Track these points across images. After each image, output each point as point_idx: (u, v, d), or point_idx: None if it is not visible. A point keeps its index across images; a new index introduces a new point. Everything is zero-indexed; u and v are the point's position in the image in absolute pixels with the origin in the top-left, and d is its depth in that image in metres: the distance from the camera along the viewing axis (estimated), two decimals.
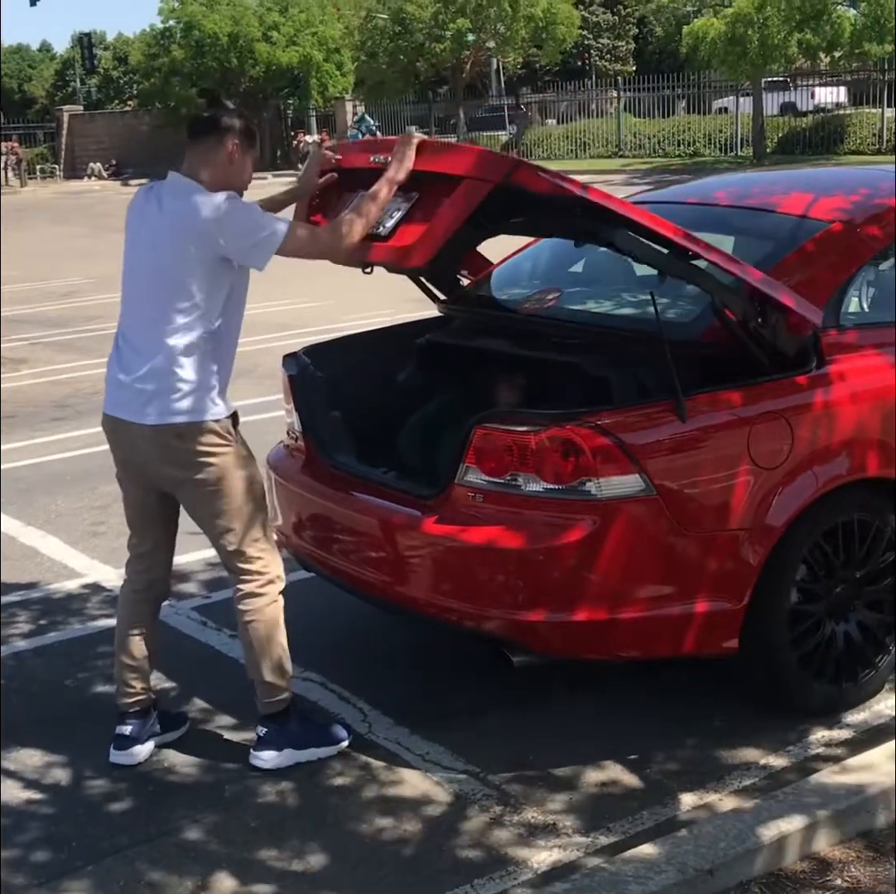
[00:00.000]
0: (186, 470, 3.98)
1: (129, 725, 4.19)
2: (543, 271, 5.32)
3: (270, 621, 4.12)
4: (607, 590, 3.93)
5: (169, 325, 3.90)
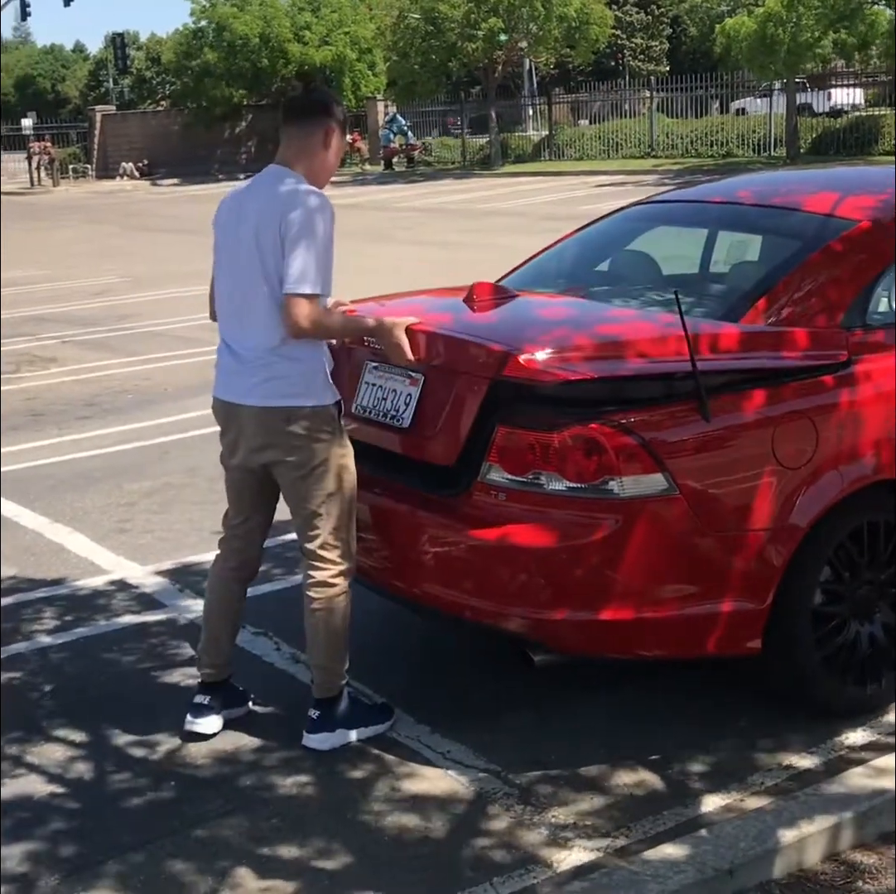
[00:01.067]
0: (286, 452, 4.09)
1: (206, 695, 4.35)
2: (569, 270, 5.31)
3: (338, 611, 4.19)
4: (629, 589, 3.92)
5: (269, 314, 4.02)
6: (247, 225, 4.07)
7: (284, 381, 4.05)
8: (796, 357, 4.11)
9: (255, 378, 4.08)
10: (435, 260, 18.41)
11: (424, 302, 5.06)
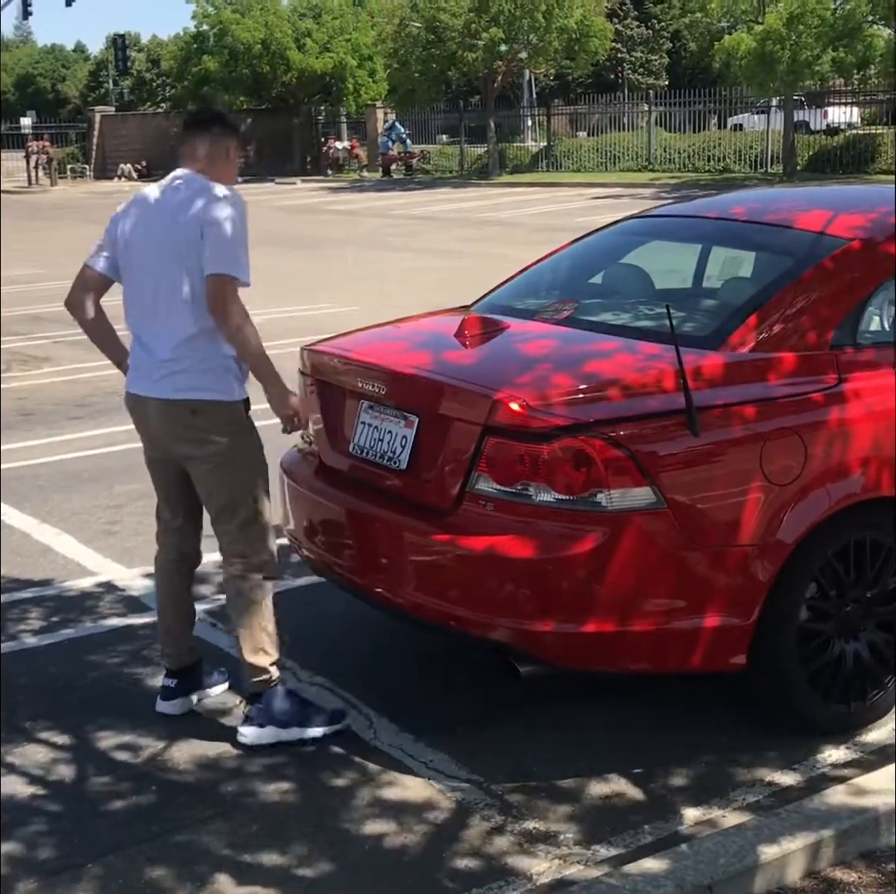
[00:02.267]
0: (193, 445, 4.18)
1: (173, 679, 4.51)
2: (563, 282, 5.32)
3: (254, 605, 4.26)
4: (616, 602, 3.92)
5: (185, 308, 4.10)
6: (161, 225, 4.16)
7: (190, 375, 4.14)
8: (784, 384, 4.12)
9: (164, 371, 4.17)
10: (430, 268, 18.44)
11: (410, 337, 5.06)
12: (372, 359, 4.64)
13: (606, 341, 4.44)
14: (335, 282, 17.04)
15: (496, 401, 3.99)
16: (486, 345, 4.60)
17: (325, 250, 21.76)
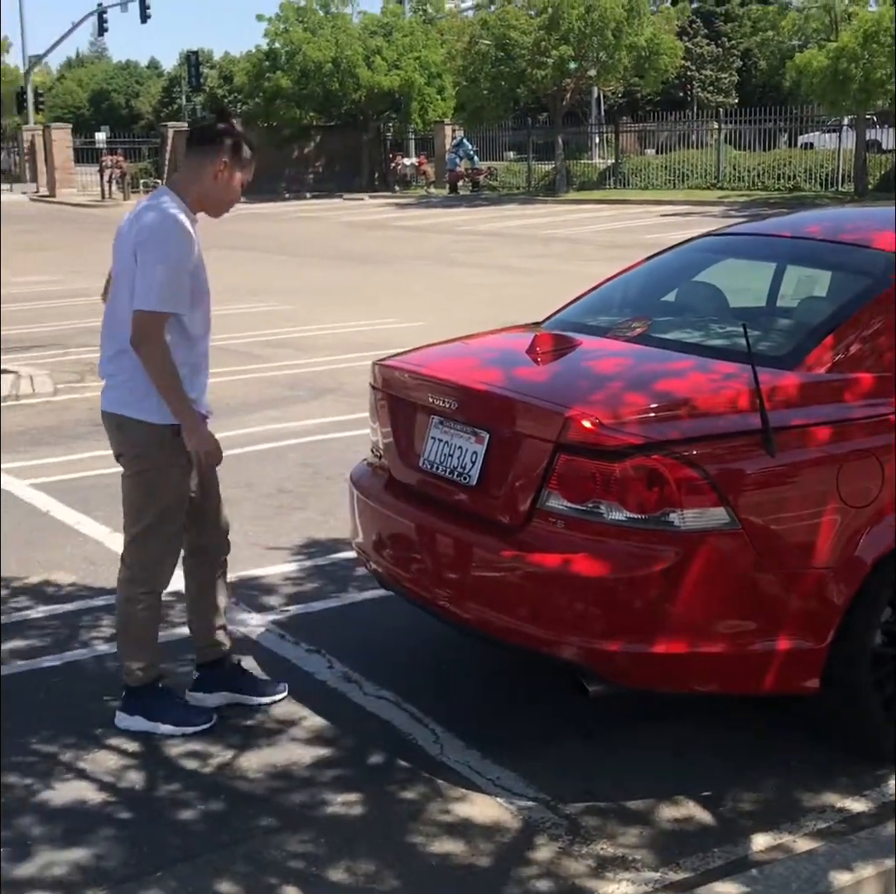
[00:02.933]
0: (121, 456, 4.43)
1: (196, 672, 4.72)
2: (636, 299, 5.30)
3: (129, 613, 4.48)
4: (687, 622, 3.89)
5: (120, 324, 4.25)
6: (125, 240, 4.30)
7: (120, 391, 4.32)
8: (861, 405, 4.08)
9: (105, 382, 4.40)
10: (497, 284, 18.46)
11: (482, 353, 5.06)
12: (443, 375, 4.65)
13: (680, 359, 4.42)
14: (401, 298, 17.11)
15: (568, 419, 3.98)
16: (558, 361, 4.59)
17: (392, 265, 21.85)
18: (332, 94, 45.40)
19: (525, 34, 38.78)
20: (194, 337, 4.32)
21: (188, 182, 4.31)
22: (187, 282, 4.18)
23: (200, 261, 4.28)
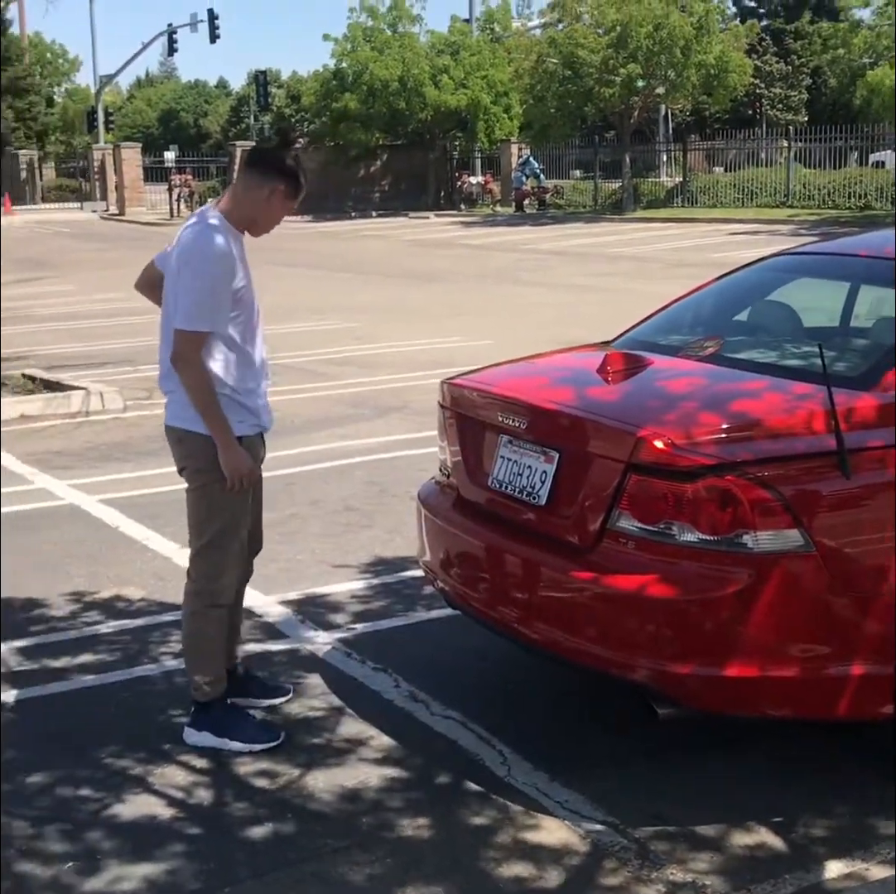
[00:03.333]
0: (183, 469, 4.48)
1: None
2: (707, 318, 5.26)
3: (195, 627, 4.54)
4: (759, 646, 3.84)
5: (171, 339, 4.33)
6: (174, 258, 4.36)
7: (179, 405, 4.39)
8: None
9: (167, 399, 4.48)
10: (563, 302, 18.42)
11: (551, 372, 5.04)
12: (513, 394, 4.63)
13: (754, 380, 4.37)
14: (466, 316, 17.13)
15: (640, 439, 3.95)
16: (629, 381, 4.56)
17: (457, 284, 21.89)
18: (399, 114, 45.63)
19: (593, 52, 38.74)
20: (245, 351, 4.38)
21: (236, 200, 4.36)
22: (225, 300, 4.23)
23: (246, 276, 4.33)
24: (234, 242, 4.31)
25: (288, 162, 4.35)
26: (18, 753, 4.49)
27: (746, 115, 59.69)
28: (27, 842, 3.89)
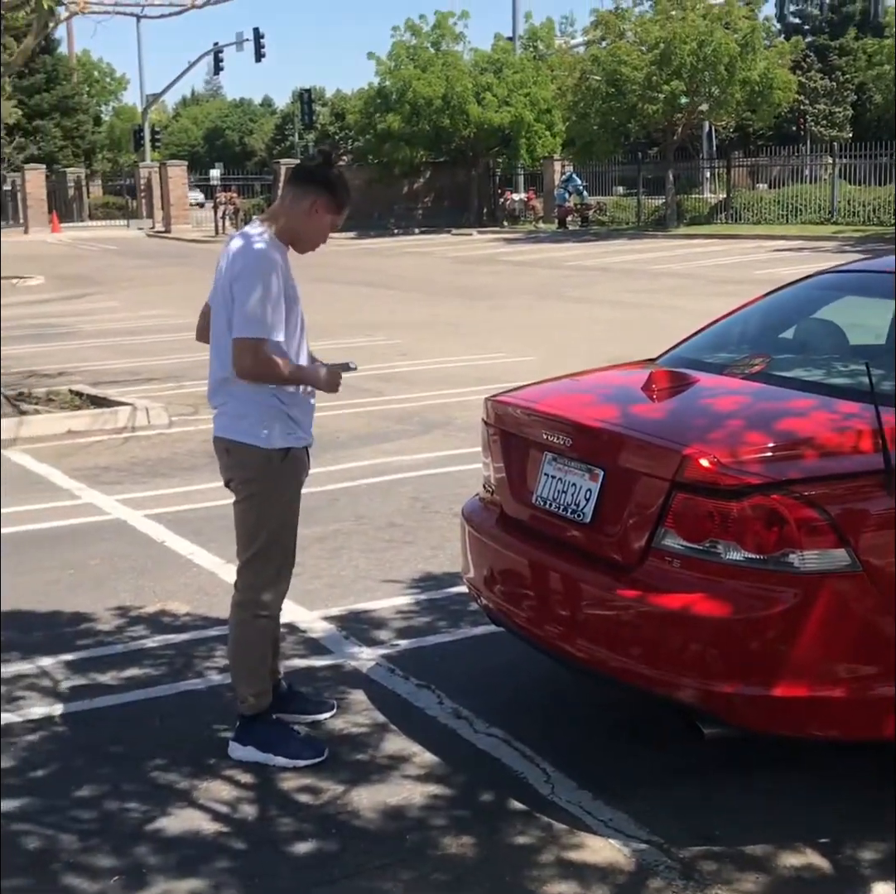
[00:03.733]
0: (230, 480, 4.52)
1: None
2: (753, 336, 5.25)
3: (242, 638, 4.56)
4: (806, 666, 3.82)
5: (221, 352, 4.36)
6: (221, 273, 4.38)
7: (228, 416, 4.43)
8: None
9: (215, 410, 4.51)
10: (605, 319, 18.41)
11: (596, 390, 5.04)
12: (557, 411, 4.64)
13: (800, 398, 4.35)
14: (509, 332, 17.14)
15: (686, 457, 3.94)
16: (674, 399, 4.56)
17: (500, 300, 21.91)
18: (443, 131, 45.76)
19: (636, 69, 38.73)
20: (294, 357, 4.41)
21: (280, 215, 4.43)
22: (278, 308, 4.27)
23: (291, 288, 4.38)
24: (281, 255, 4.36)
25: (329, 175, 4.42)
26: (65, 766, 4.53)
27: (790, 132, 59.45)
28: (74, 856, 3.93)
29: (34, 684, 5.26)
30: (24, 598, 6.35)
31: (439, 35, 46.96)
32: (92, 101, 70.26)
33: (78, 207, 56.00)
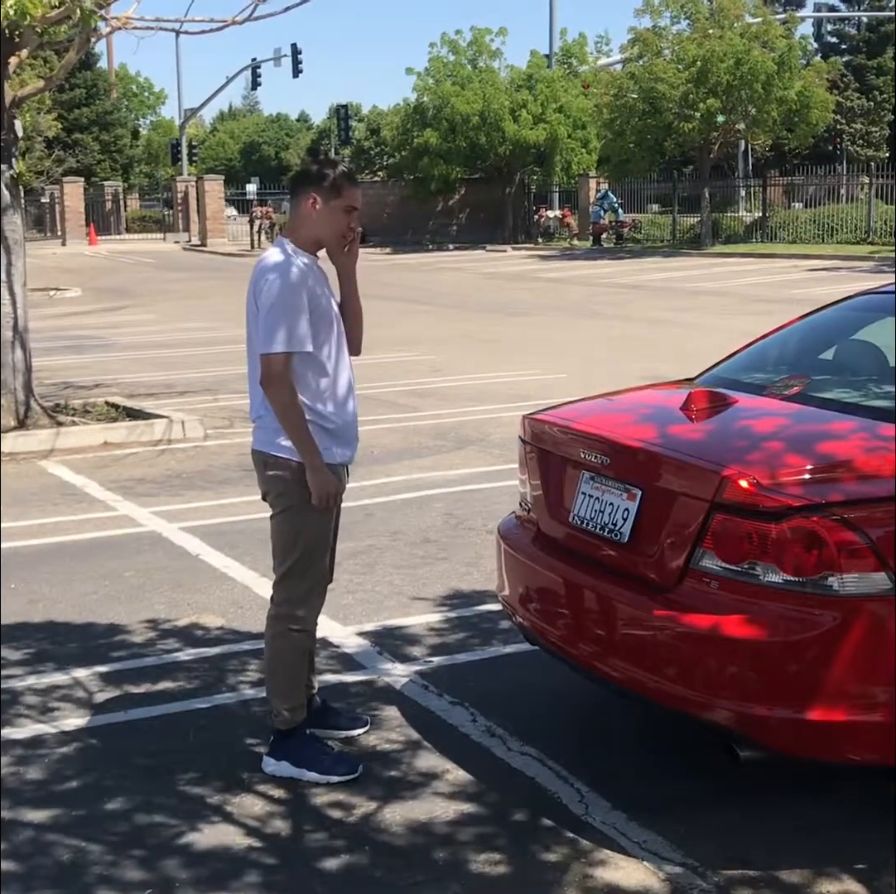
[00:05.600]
0: (268, 494, 4.53)
1: None
2: (792, 357, 5.22)
3: (277, 652, 4.55)
4: (844, 690, 3.78)
5: (257, 369, 4.38)
6: (251, 289, 4.43)
7: (267, 431, 4.44)
8: None
9: (255, 424, 4.53)
10: (640, 337, 18.37)
11: (634, 409, 5.03)
12: (595, 430, 4.62)
13: (840, 420, 4.33)
14: (544, 349, 17.13)
15: (725, 478, 3.92)
16: (713, 419, 4.53)
17: (534, 317, 21.91)
18: (479, 148, 45.82)
19: (673, 87, 38.70)
20: (331, 370, 4.43)
21: (295, 227, 4.48)
22: (301, 321, 4.28)
23: (324, 297, 4.40)
24: (308, 265, 4.38)
25: (316, 168, 4.44)
26: (98, 778, 4.54)
27: (827, 151, 59.20)
28: (105, 869, 3.93)
29: (68, 695, 5.28)
30: (59, 609, 6.38)
31: (476, 52, 47.06)
32: (130, 116, 70.81)
33: (115, 220, 56.42)
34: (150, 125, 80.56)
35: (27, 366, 11.07)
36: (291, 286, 4.28)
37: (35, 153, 33.31)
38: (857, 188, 42.01)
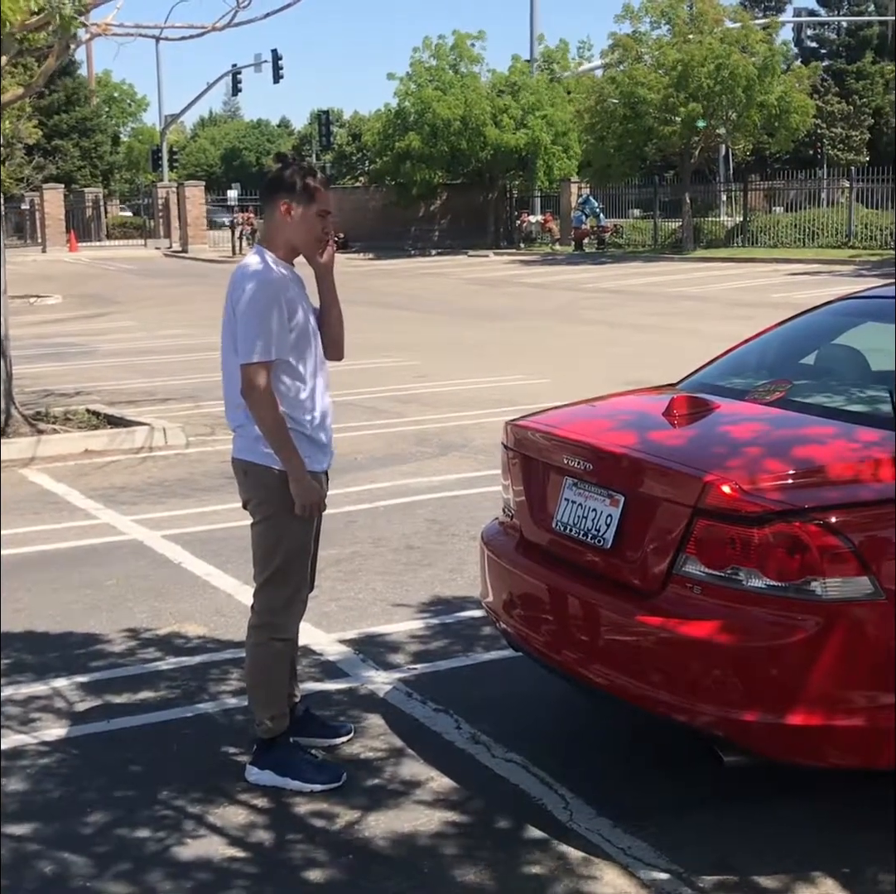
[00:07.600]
0: (247, 501, 4.51)
1: None
2: (773, 362, 5.23)
3: (258, 661, 4.53)
4: (827, 694, 3.78)
5: (234, 379, 4.36)
6: (227, 296, 4.41)
7: (246, 439, 4.42)
8: None
9: (234, 432, 4.51)
10: (622, 341, 18.39)
11: (616, 415, 5.03)
12: (578, 436, 4.62)
13: (821, 425, 4.33)
14: (527, 354, 17.14)
15: (707, 484, 3.92)
16: (695, 425, 4.54)
17: (517, 322, 21.92)
18: (460, 153, 45.87)
19: (653, 91, 38.81)
20: (309, 378, 4.42)
21: (270, 235, 4.46)
22: (278, 328, 4.26)
23: (302, 305, 4.37)
24: (286, 274, 4.37)
25: (285, 174, 4.40)
26: (79, 789, 4.51)
27: (807, 155, 59.47)
28: (88, 880, 3.90)
29: (48, 705, 5.25)
30: (40, 619, 6.34)
31: (457, 57, 47.11)
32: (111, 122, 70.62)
33: (96, 227, 56.23)
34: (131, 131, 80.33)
35: (7, 373, 11.03)
36: (269, 296, 4.27)
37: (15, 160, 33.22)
38: (838, 192, 42.21)
